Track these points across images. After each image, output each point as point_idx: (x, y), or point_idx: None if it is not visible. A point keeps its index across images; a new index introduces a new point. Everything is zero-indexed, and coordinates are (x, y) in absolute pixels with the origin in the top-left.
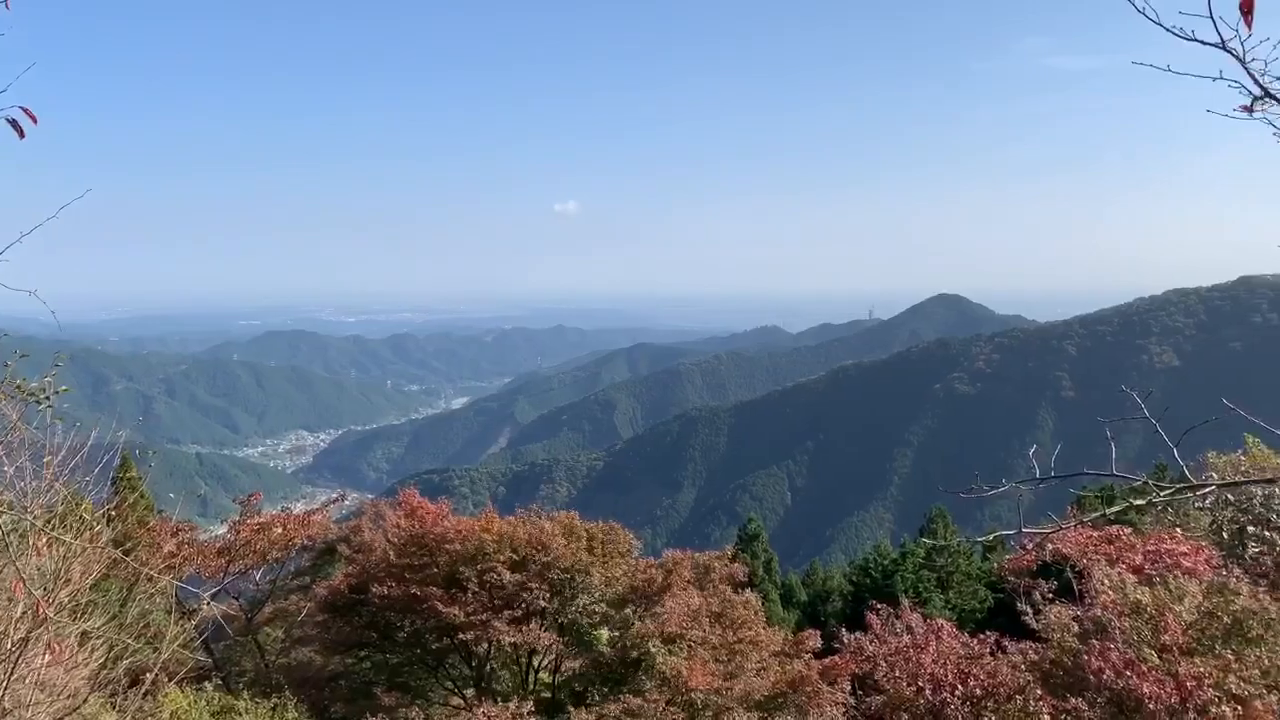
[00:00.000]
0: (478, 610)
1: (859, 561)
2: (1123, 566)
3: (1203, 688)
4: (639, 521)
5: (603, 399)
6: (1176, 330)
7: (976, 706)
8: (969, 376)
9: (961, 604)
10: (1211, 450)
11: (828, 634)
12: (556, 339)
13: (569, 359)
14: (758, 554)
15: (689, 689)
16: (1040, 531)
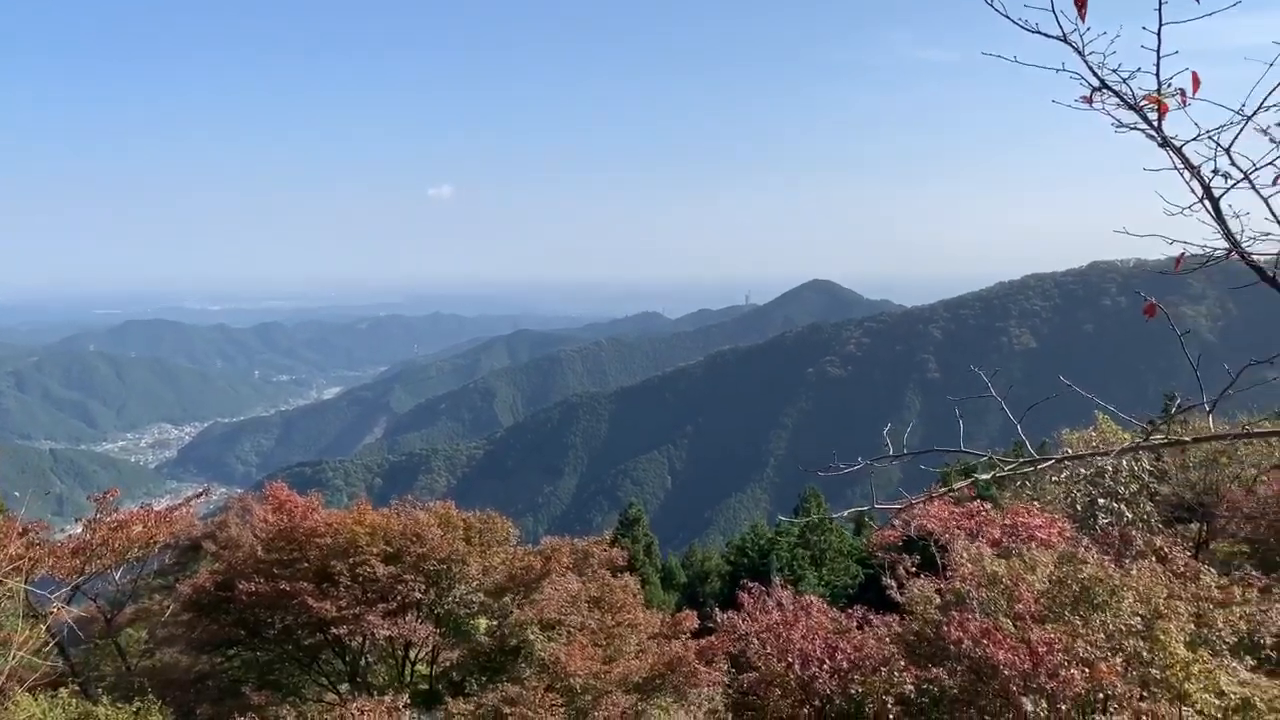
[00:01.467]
0: (351, 604)
1: (736, 542)
2: (983, 540)
3: (1053, 653)
4: (520, 509)
5: (482, 387)
6: (1034, 313)
7: (844, 679)
8: (840, 360)
9: (834, 580)
10: (1066, 428)
11: (706, 614)
12: (434, 326)
13: (447, 347)
14: (638, 538)
15: (568, 674)
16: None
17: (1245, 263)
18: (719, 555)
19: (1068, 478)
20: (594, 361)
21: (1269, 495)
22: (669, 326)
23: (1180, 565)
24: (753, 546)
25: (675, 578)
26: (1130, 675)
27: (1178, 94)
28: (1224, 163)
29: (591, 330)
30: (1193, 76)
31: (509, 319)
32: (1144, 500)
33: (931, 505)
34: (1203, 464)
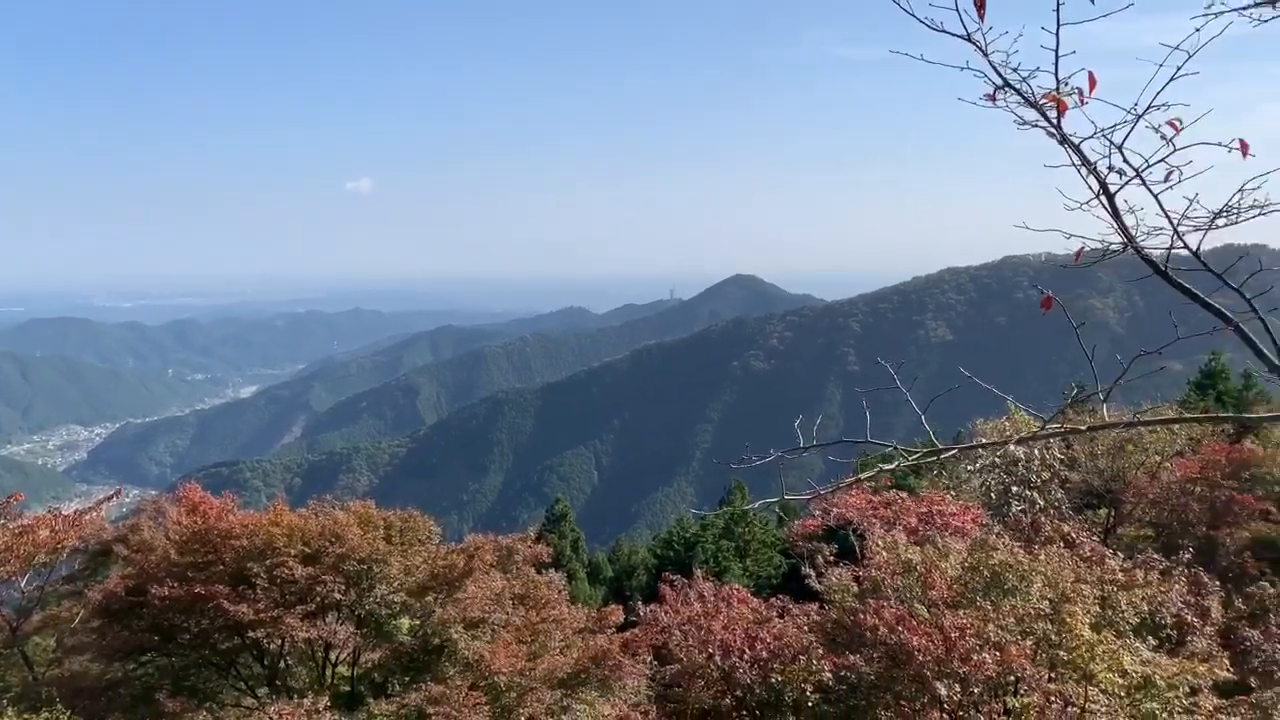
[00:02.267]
0: (269, 607)
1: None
2: (899, 528)
3: (965, 638)
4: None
5: (405, 384)
6: (949, 306)
7: (764, 668)
8: (764, 354)
9: (758, 570)
10: (980, 418)
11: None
12: (354, 323)
13: (368, 343)
14: (565, 534)
15: (492, 672)
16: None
17: (1139, 256)
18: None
19: (982, 466)
20: (519, 357)
21: (1172, 481)
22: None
23: (1087, 550)
24: (678, 539)
25: (602, 572)
26: (1040, 657)
27: (1075, 93)
28: (1118, 159)
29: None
30: (1089, 76)
31: (432, 315)
32: (1055, 488)
33: (850, 495)
34: (1110, 452)
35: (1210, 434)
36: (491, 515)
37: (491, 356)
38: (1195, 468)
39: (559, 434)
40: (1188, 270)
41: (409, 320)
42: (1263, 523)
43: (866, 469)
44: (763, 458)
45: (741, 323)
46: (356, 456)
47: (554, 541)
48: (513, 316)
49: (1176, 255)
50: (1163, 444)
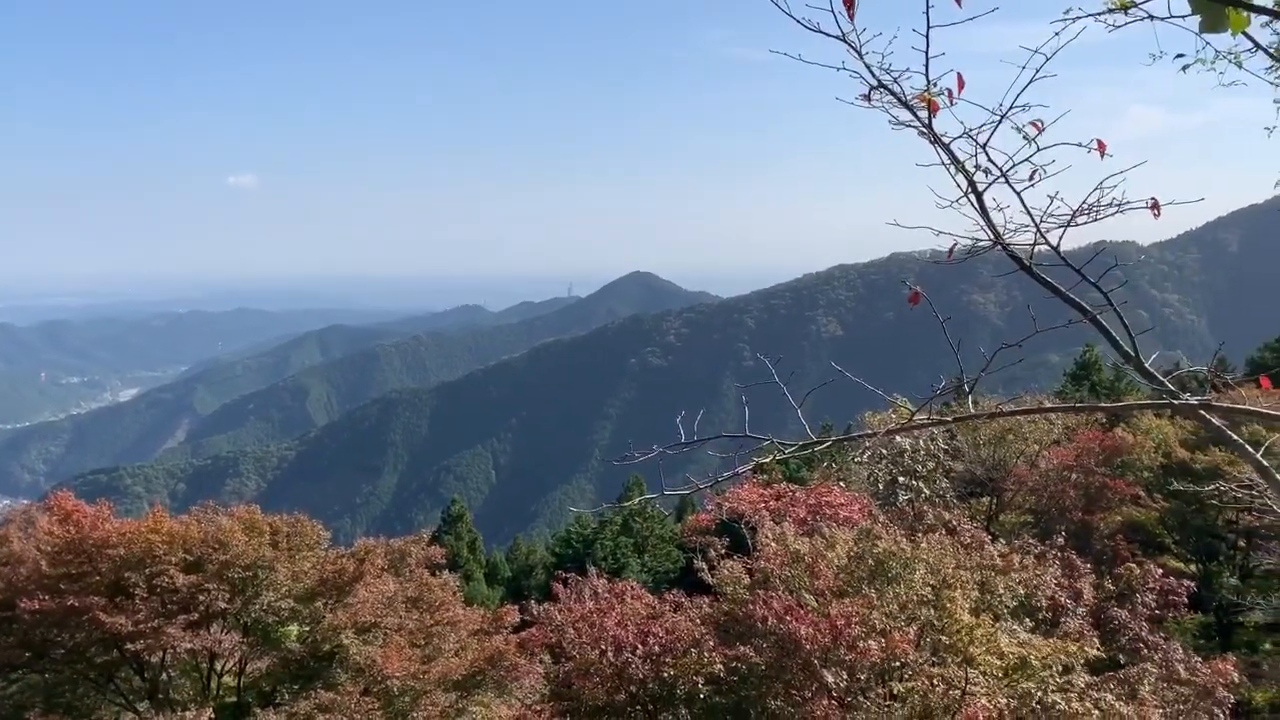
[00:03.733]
0: (149, 617)
1: (561, 534)
2: (789, 520)
3: (851, 625)
4: (338, 511)
5: (293, 385)
6: (840, 303)
7: (656, 662)
8: (661, 350)
9: (656, 566)
10: (869, 410)
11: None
12: (239, 322)
13: (254, 344)
14: (462, 535)
15: (385, 676)
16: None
17: (1005, 252)
18: (544, 548)
19: (870, 457)
20: (413, 356)
21: (1050, 469)
22: (491, 320)
23: (967, 537)
24: (577, 537)
25: (500, 573)
26: (923, 642)
27: (945, 94)
28: (984, 159)
29: (410, 324)
30: (958, 77)
31: (321, 314)
32: (940, 477)
33: (742, 489)
34: (992, 442)
35: (1085, 423)
36: (386, 518)
37: (384, 356)
38: (1071, 455)
39: (455, 434)
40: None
41: (297, 319)
42: (1133, 507)
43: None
44: (646, 454)
45: (639, 320)
46: (244, 460)
47: (450, 543)
48: (406, 315)
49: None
50: (1041, 433)
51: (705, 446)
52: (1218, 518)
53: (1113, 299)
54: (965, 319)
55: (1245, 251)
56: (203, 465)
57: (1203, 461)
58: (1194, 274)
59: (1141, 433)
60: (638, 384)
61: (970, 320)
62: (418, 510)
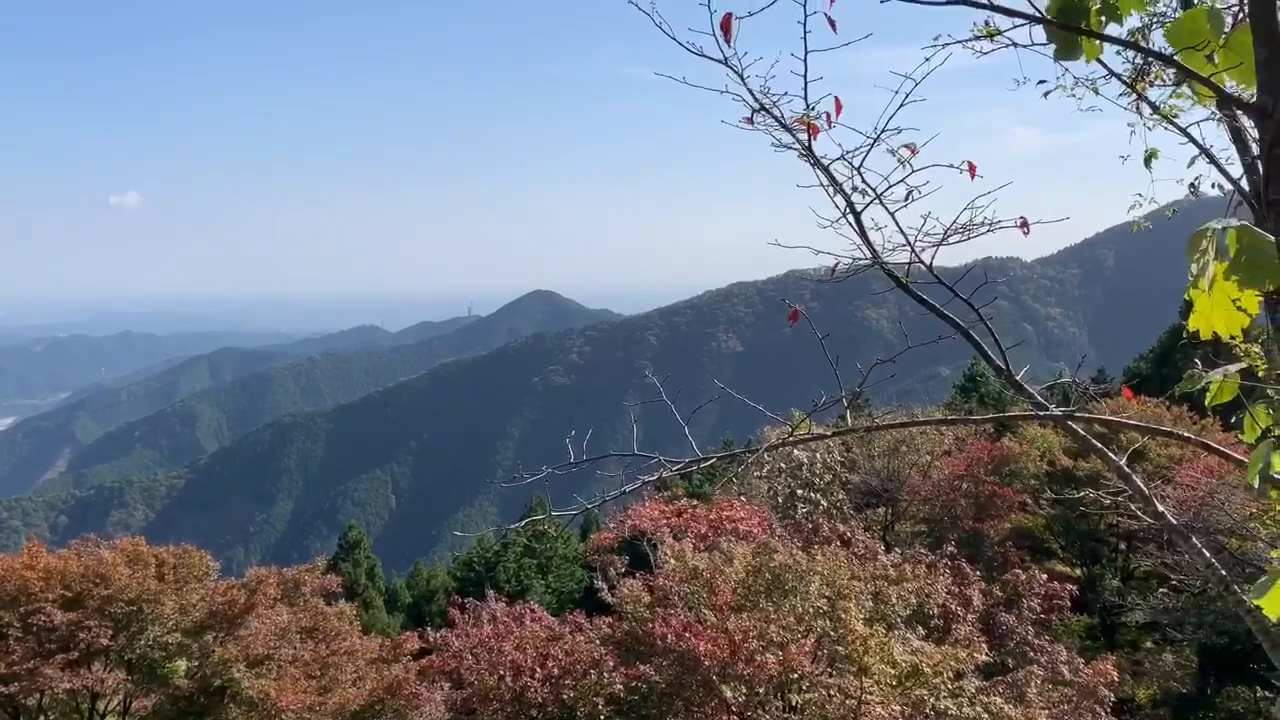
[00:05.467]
0: (24, 658)
1: (464, 557)
2: (690, 536)
3: (749, 640)
4: (230, 540)
5: (182, 411)
6: (739, 319)
7: (556, 685)
8: (564, 368)
9: (560, 586)
10: (767, 425)
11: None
12: (123, 347)
13: (139, 369)
14: (360, 561)
15: (279, 710)
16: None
17: (883, 270)
18: (446, 572)
19: (770, 472)
20: (308, 379)
21: (941, 479)
22: (389, 340)
23: (861, 548)
24: (480, 560)
25: (400, 599)
26: (820, 654)
27: (824, 116)
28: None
29: (305, 346)
30: (836, 101)
31: (210, 337)
32: (837, 489)
33: (645, 506)
34: (886, 453)
35: (974, 433)
36: (281, 546)
37: (277, 378)
38: (962, 465)
39: (353, 458)
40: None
41: (186, 343)
42: (1021, 514)
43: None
44: (534, 475)
45: (541, 338)
46: (130, 490)
47: (347, 570)
48: (301, 336)
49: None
50: (933, 444)
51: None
52: (1100, 522)
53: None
54: (859, 334)
55: (1121, 266)
56: (85, 496)
57: (1084, 468)
58: (1075, 288)
59: (1027, 441)
60: (541, 403)
61: (863, 335)
62: (314, 538)
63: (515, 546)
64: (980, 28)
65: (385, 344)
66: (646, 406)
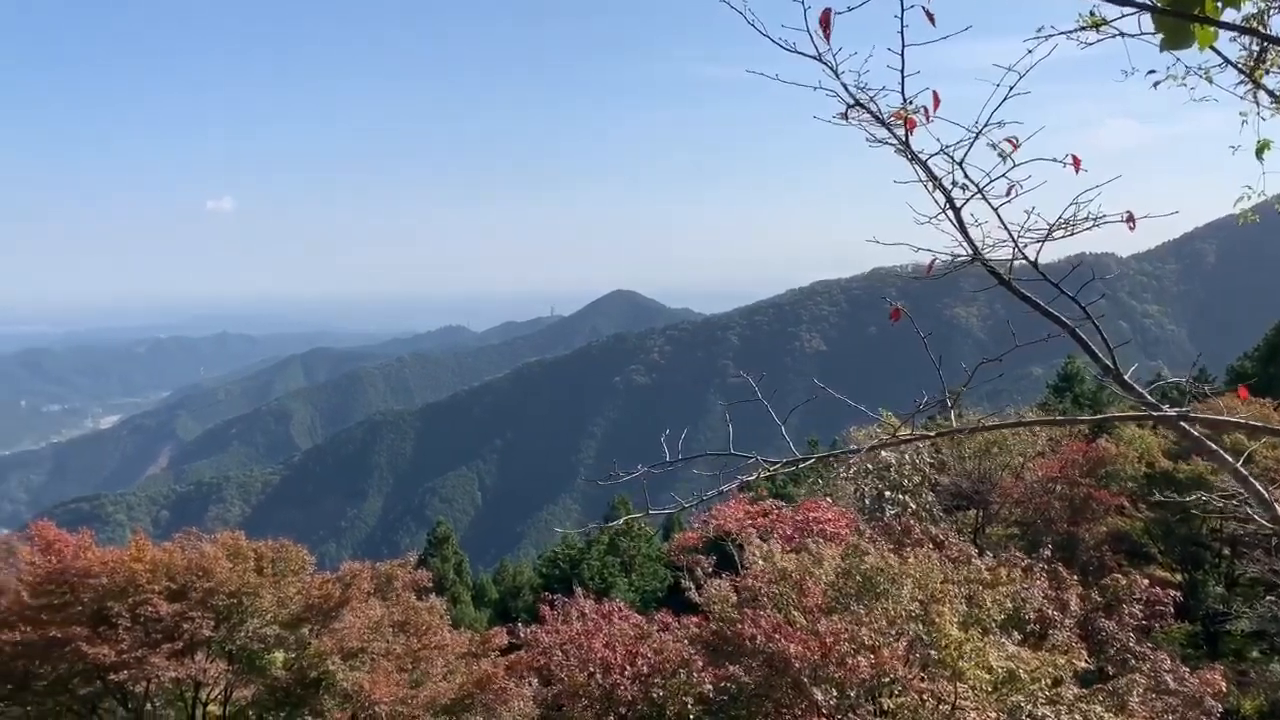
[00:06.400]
0: (133, 647)
1: (548, 555)
2: (776, 537)
3: (840, 642)
4: (323, 535)
5: (277, 409)
6: (823, 318)
7: (645, 684)
8: (645, 368)
9: (643, 585)
10: (854, 425)
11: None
12: (221, 348)
13: (236, 368)
14: (448, 557)
15: (372, 702)
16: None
17: (985, 267)
18: (531, 569)
19: (856, 473)
20: (397, 378)
21: (1035, 481)
22: (474, 340)
23: (954, 551)
24: (564, 558)
25: (487, 595)
26: (912, 658)
27: (921, 111)
28: (961, 175)
29: (394, 346)
30: (933, 95)
31: (304, 337)
32: (926, 491)
33: (729, 506)
34: (977, 455)
35: (1069, 434)
36: (371, 541)
37: (368, 378)
38: (1056, 467)
39: (440, 455)
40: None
41: (280, 343)
42: (1118, 517)
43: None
44: (631, 474)
45: (622, 338)
46: (227, 486)
47: (436, 566)
48: (390, 336)
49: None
50: (1025, 445)
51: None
52: (1202, 526)
53: (1092, 311)
54: (948, 333)
55: (1223, 261)
56: (186, 491)
57: (1185, 471)
58: (1173, 284)
59: (1124, 443)
60: (622, 402)
61: (953, 334)
62: (403, 533)
63: (599, 545)
64: (1085, 18)
65: (471, 344)
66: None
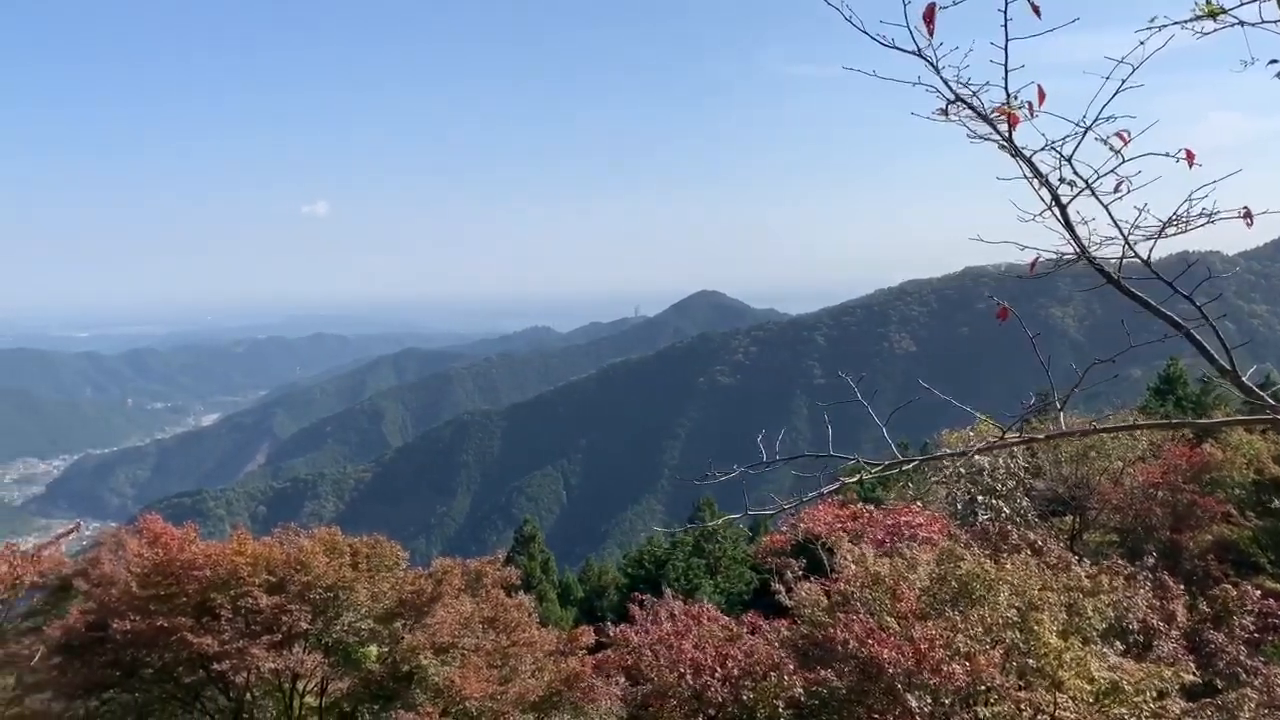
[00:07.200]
0: (234, 638)
1: (633, 554)
2: (867, 541)
3: (935, 648)
4: (413, 532)
5: (369, 408)
6: (913, 318)
7: (735, 686)
8: (729, 369)
9: (729, 587)
10: (946, 429)
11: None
12: (315, 347)
13: (330, 368)
14: (534, 555)
15: (463, 697)
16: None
17: (1092, 266)
18: (616, 569)
19: (948, 476)
20: (485, 378)
21: (1135, 486)
22: (560, 340)
23: (1053, 557)
24: (649, 558)
25: (573, 593)
26: (1009, 666)
27: (1025, 106)
28: (1068, 171)
29: (482, 346)
30: (1038, 89)
31: (395, 338)
32: (1020, 495)
33: (818, 509)
34: (1074, 459)
35: (1171, 439)
36: (459, 538)
37: (457, 378)
38: (1157, 472)
39: (526, 455)
40: (1139, 279)
41: (372, 343)
42: (1224, 525)
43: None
44: (727, 474)
45: (707, 338)
46: (322, 483)
47: (523, 564)
48: (477, 337)
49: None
50: (1125, 449)
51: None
52: None
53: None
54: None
55: None
56: (282, 487)
57: None
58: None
59: (1231, 448)
60: (706, 403)
61: (1049, 335)
62: (490, 531)
63: (684, 546)
64: (1202, 7)
65: (556, 344)
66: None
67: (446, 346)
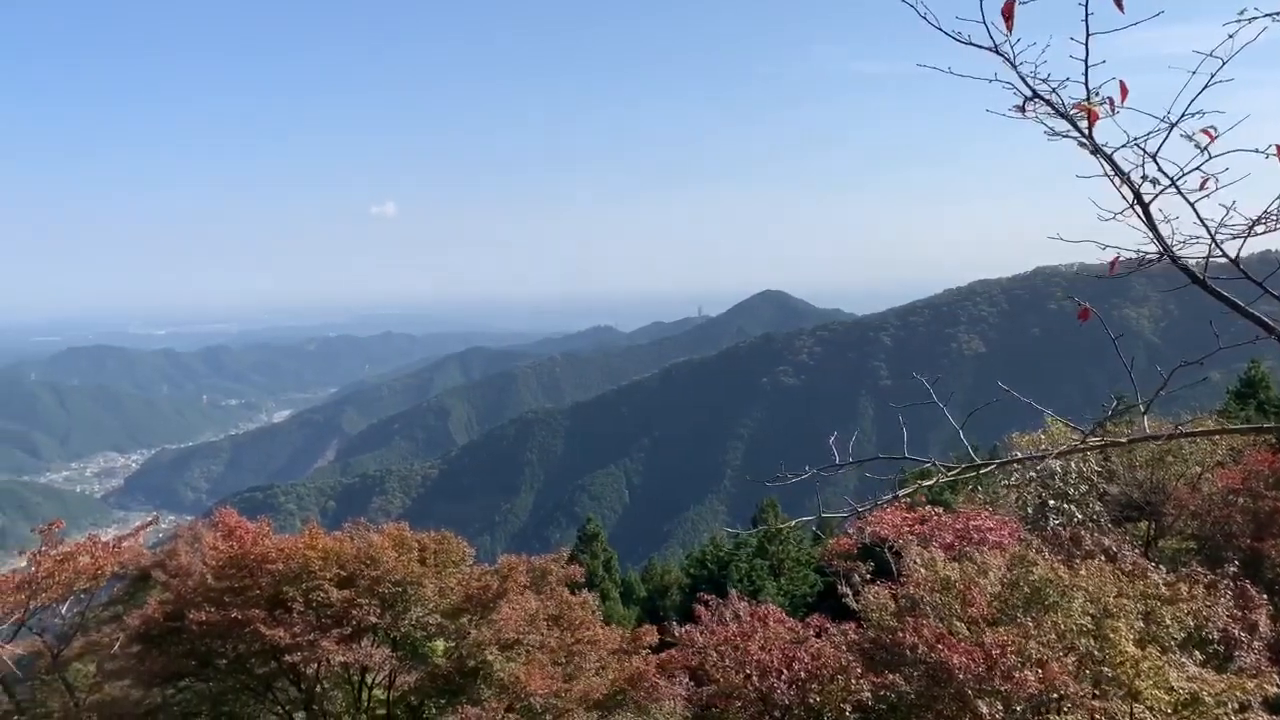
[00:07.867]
0: (305, 630)
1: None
2: (935, 545)
3: (1006, 655)
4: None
5: (436, 406)
6: (982, 319)
7: (802, 689)
8: (794, 369)
9: (793, 589)
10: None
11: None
12: (384, 346)
13: (398, 366)
14: (597, 554)
15: (528, 694)
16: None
17: (1176, 266)
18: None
19: (1018, 480)
20: (549, 377)
21: (1213, 492)
22: (623, 340)
23: (1129, 564)
24: (712, 558)
25: (635, 592)
26: (1083, 674)
27: (1106, 102)
28: (1152, 169)
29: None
30: (1120, 85)
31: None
32: (1093, 500)
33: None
34: (1149, 463)
35: (1253, 444)
36: (523, 536)
37: (521, 377)
38: (1237, 478)
39: (589, 454)
40: (1225, 279)
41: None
42: None
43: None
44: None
45: (770, 338)
46: (389, 479)
47: (586, 562)
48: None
49: (1213, 264)
50: (1203, 455)
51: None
52: None
53: None
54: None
55: None
56: (351, 483)
57: None
58: None
59: None
60: (770, 404)
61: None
62: (554, 529)
63: (747, 547)
64: None
65: (619, 344)
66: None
67: (511, 345)
